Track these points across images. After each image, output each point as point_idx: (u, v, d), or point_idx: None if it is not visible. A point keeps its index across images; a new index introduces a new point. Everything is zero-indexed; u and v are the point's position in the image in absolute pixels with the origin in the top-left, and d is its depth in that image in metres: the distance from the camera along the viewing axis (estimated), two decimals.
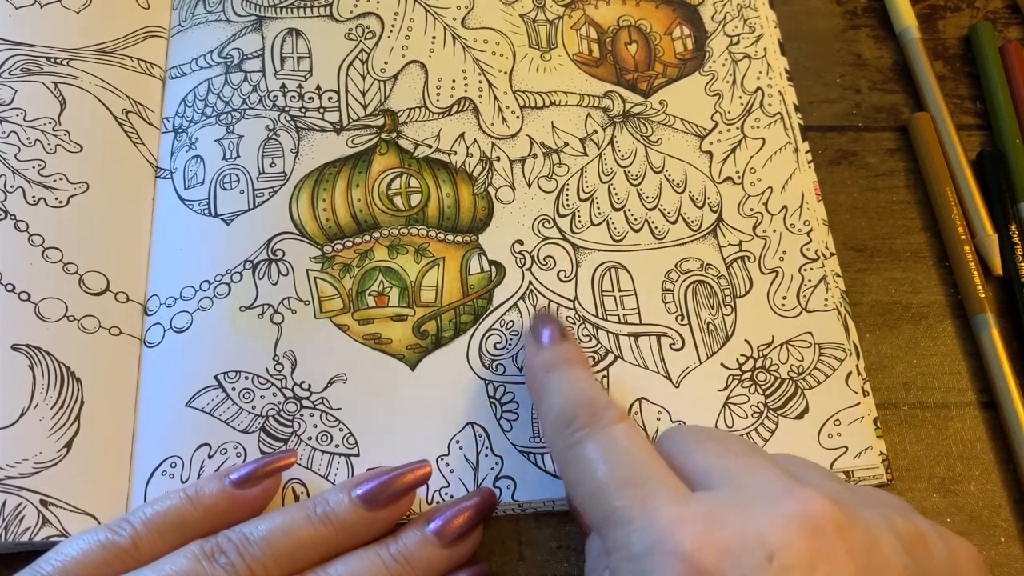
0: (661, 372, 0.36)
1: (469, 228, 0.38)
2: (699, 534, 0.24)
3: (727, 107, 0.41)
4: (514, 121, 0.40)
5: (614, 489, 0.26)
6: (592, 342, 0.36)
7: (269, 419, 0.34)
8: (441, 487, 0.33)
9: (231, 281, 0.36)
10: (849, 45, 0.44)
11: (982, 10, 0.45)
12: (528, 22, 0.42)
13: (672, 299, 0.37)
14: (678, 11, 0.43)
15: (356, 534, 0.30)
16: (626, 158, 0.39)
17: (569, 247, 0.38)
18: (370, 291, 0.37)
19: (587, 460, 0.27)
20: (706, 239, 0.38)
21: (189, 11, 0.42)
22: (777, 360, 0.36)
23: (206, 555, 0.29)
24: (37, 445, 0.33)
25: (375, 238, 0.37)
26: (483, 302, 0.37)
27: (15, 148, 0.37)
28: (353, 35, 0.41)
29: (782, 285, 0.37)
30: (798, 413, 0.35)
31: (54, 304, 0.35)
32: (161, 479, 0.33)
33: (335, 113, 0.40)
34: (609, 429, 0.28)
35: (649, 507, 0.25)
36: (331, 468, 0.34)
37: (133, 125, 0.39)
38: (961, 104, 0.43)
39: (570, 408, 0.29)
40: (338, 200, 0.38)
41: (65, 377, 0.34)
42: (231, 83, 0.40)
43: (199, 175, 0.38)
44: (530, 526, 0.34)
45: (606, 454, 0.27)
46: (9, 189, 0.37)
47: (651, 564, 0.24)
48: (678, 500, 0.25)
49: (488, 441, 0.34)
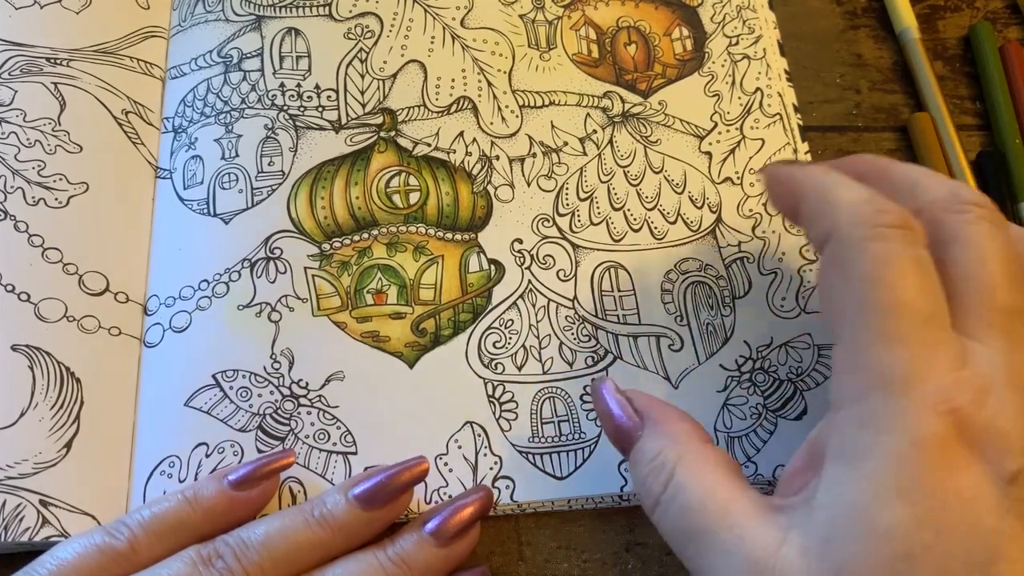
0: (660, 373, 0.36)
1: (468, 226, 0.38)
2: (967, 404, 0.23)
3: (726, 108, 0.41)
4: (513, 120, 0.40)
5: (909, 316, 0.24)
6: (591, 342, 0.36)
7: (266, 418, 0.34)
8: (440, 486, 0.33)
9: (229, 280, 0.36)
10: (849, 45, 0.44)
11: (982, 10, 0.45)
12: (527, 22, 0.42)
13: (671, 299, 0.37)
14: (677, 12, 0.43)
15: (354, 535, 0.30)
16: (625, 158, 0.39)
17: (568, 246, 0.38)
18: (368, 289, 0.37)
19: (895, 268, 0.24)
20: (705, 240, 0.38)
21: (189, 11, 0.42)
22: (776, 361, 0.36)
23: (203, 560, 0.29)
24: (37, 445, 0.33)
25: (373, 236, 0.37)
26: (482, 300, 0.37)
27: (15, 149, 0.37)
28: (352, 34, 0.41)
29: (781, 286, 0.37)
30: (797, 414, 0.35)
31: (54, 304, 0.35)
32: (159, 479, 0.33)
33: (334, 112, 0.40)
34: (924, 253, 0.25)
35: (933, 354, 0.24)
36: (328, 466, 0.34)
37: (133, 125, 0.39)
38: (961, 104, 0.43)
39: (883, 202, 0.26)
40: (336, 198, 0.38)
41: (65, 377, 0.34)
42: (230, 82, 0.40)
43: (198, 175, 0.38)
44: (530, 526, 0.34)
45: (919, 274, 0.25)
46: (9, 190, 0.37)
47: (903, 409, 0.23)
48: (957, 366, 0.24)
49: (487, 440, 0.34)
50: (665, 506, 0.27)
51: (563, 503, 0.34)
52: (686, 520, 0.26)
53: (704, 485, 0.26)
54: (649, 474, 0.27)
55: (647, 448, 0.28)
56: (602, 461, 0.34)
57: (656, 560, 0.34)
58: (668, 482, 0.27)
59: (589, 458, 0.34)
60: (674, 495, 0.26)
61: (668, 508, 0.26)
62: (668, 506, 0.26)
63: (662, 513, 0.27)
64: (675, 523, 0.26)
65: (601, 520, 0.34)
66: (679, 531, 0.26)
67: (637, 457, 0.28)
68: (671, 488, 0.27)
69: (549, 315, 0.36)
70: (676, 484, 0.27)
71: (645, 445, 0.28)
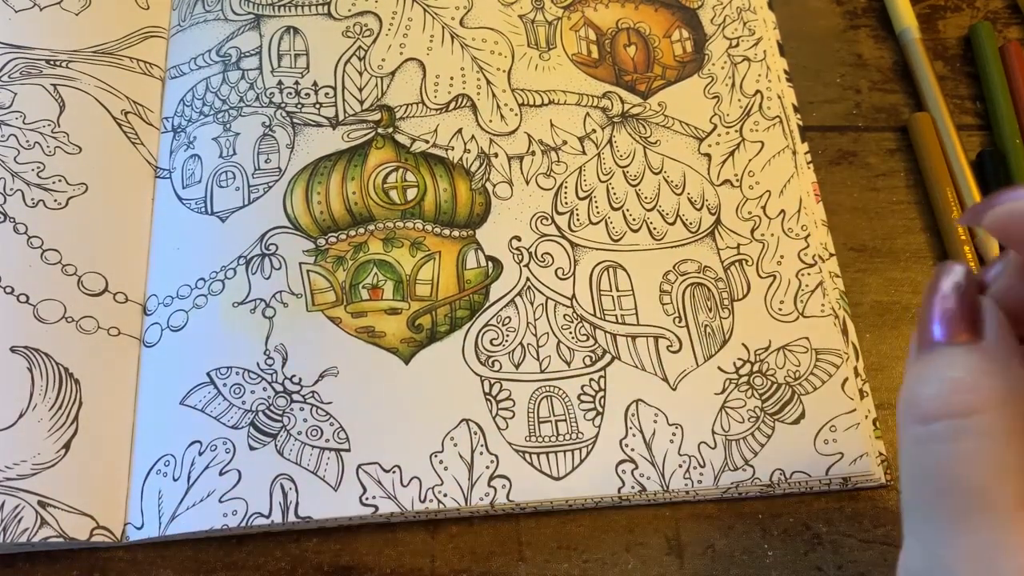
0: (658, 374, 0.35)
1: (466, 223, 0.38)
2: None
3: (726, 110, 0.41)
4: (512, 118, 0.40)
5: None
6: (589, 341, 0.36)
7: (259, 414, 0.34)
8: (435, 484, 0.33)
9: (225, 278, 0.36)
10: (849, 45, 0.44)
11: (982, 10, 0.45)
12: (527, 23, 0.42)
13: (670, 300, 0.37)
14: (677, 14, 0.43)
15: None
16: (625, 158, 0.39)
17: (567, 244, 0.38)
18: (364, 284, 0.36)
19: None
20: (704, 241, 0.38)
21: (188, 11, 0.42)
22: (774, 365, 0.36)
23: None
24: (35, 446, 0.33)
25: (370, 231, 0.37)
26: (480, 297, 0.36)
27: (14, 151, 0.38)
28: (351, 33, 0.41)
29: (779, 290, 0.37)
30: (794, 419, 0.35)
31: (53, 305, 0.35)
32: (156, 478, 0.33)
33: (331, 108, 0.40)
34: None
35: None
36: (321, 463, 0.33)
37: (132, 125, 0.39)
38: (961, 104, 0.43)
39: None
40: (333, 193, 0.38)
41: (63, 378, 0.34)
42: (228, 81, 0.40)
43: (196, 174, 0.38)
44: (530, 526, 0.34)
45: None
46: (8, 192, 0.37)
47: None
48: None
49: (483, 439, 0.34)
50: (960, 432, 0.21)
51: (563, 503, 0.34)
52: (972, 472, 0.21)
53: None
54: (981, 382, 0.21)
55: (995, 361, 0.21)
56: (600, 462, 0.34)
57: (656, 560, 0.33)
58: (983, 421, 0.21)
59: (586, 459, 0.34)
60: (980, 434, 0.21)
61: (961, 438, 0.21)
62: (963, 435, 0.21)
63: (944, 433, 0.21)
64: (951, 466, 0.21)
65: (601, 520, 0.34)
66: (944, 475, 0.21)
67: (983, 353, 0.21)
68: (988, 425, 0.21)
69: (547, 313, 0.36)
70: (993, 427, 0.20)
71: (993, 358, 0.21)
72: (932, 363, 0.22)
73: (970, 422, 0.21)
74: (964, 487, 0.21)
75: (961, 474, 0.21)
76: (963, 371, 0.21)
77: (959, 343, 0.22)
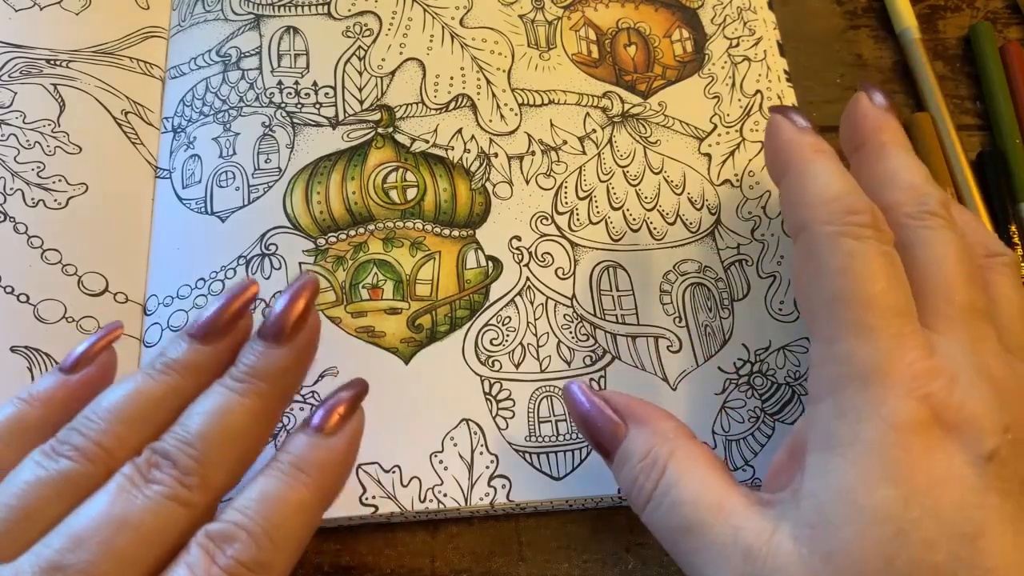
0: (658, 374, 0.35)
1: (466, 223, 0.38)
2: (939, 390, 0.24)
3: (726, 110, 0.41)
4: (512, 118, 0.40)
5: (879, 308, 0.26)
6: (589, 341, 0.36)
7: None
8: (435, 484, 0.33)
9: (225, 278, 0.36)
10: (849, 45, 0.44)
11: (982, 10, 0.45)
12: (527, 23, 0.42)
13: (670, 300, 0.37)
14: (677, 14, 0.43)
15: (204, 372, 0.28)
16: (625, 158, 0.39)
17: (567, 244, 0.38)
18: (364, 284, 0.36)
19: (866, 262, 0.26)
20: (704, 241, 0.38)
21: (188, 11, 0.42)
22: (774, 365, 0.36)
23: (47, 455, 0.26)
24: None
25: (370, 231, 0.37)
26: (479, 297, 0.36)
27: (14, 151, 0.38)
28: (351, 32, 0.41)
29: (779, 290, 0.37)
30: (795, 419, 0.35)
31: (53, 306, 0.35)
32: None
33: (331, 108, 0.40)
34: (892, 250, 0.27)
35: (903, 344, 0.25)
36: None
37: (132, 126, 0.39)
38: (961, 104, 0.43)
39: (856, 200, 0.27)
40: (333, 193, 0.38)
41: None
42: (228, 81, 0.40)
43: (196, 174, 0.38)
44: (530, 526, 0.34)
45: (888, 270, 0.26)
46: (8, 192, 0.37)
47: (879, 396, 0.24)
48: (927, 355, 0.25)
49: (483, 438, 0.34)
50: (658, 501, 0.27)
51: (563, 503, 0.34)
52: (680, 515, 0.26)
53: (697, 480, 0.27)
54: (640, 472, 0.28)
55: (636, 447, 0.28)
56: (600, 462, 0.34)
57: (656, 560, 0.33)
58: (660, 479, 0.27)
59: (586, 458, 0.34)
60: (667, 491, 0.27)
61: (661, 503, 0.27)
62: (661, 501, 0.27)
63: (654, 509, 0.27)
64: (668, 519, 0.27)
65: (601, 520, 0.34)
66: (672, 527, 0.27)
67: (625, 457, 0.28)
68: (663, 484, 0.27)
69: (547, 313, 0.36)
70: (669, 480, 0.27)
71: (633, 445, 0.28)
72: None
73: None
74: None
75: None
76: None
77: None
